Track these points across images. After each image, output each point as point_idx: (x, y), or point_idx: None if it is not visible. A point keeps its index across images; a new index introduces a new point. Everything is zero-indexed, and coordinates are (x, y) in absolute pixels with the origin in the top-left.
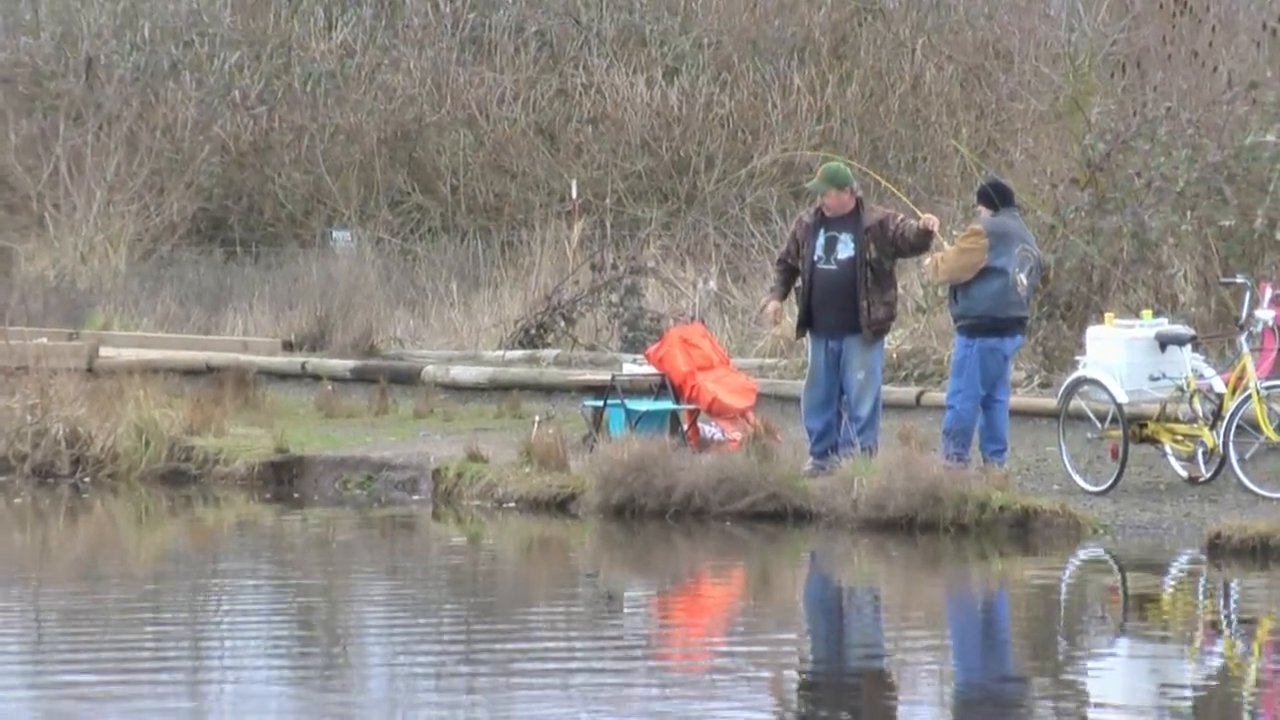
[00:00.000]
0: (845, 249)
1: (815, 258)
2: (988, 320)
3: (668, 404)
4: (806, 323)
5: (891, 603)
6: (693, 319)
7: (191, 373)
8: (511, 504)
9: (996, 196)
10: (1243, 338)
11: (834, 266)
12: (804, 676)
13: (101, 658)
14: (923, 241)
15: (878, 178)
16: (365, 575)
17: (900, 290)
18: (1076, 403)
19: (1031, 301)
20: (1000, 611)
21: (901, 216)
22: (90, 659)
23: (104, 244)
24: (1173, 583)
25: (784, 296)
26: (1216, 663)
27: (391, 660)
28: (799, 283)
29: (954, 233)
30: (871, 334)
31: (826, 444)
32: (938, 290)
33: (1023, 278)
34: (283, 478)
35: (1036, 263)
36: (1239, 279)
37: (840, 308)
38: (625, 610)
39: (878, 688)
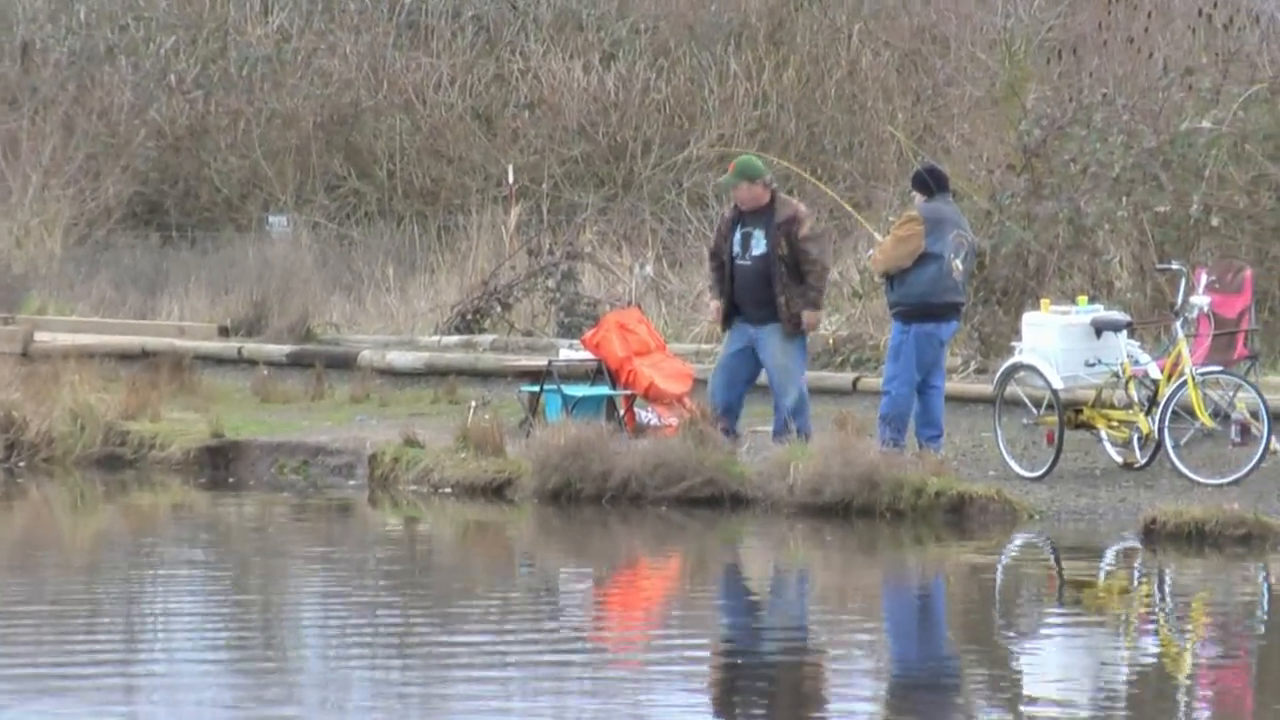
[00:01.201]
0: (759, 245)
1: (734, 253)
2: (923, 306)
3: (604, 389)
4: (731, 315)
5: (827, 588)
6: (629, 304)
7: (127, 357)
8: (448, 489)
9: (932, 182)
10: (1178, 324)
11: (749, 262)
12: (740, 664)
13: (35, 649)
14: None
15: (809, 178)
16: (301, 561)
17: (836, 276)
18: (1012, 388)
19: (967, 287)
20: (936, 596)
21: (808, 228)
22: (25, 650)
23: (40, 228)
24: (1108, 568)
25: (725, 293)
26: (1152, 648)
27: (325, 650)
28: None
29: (890, 219)
30: (791, 327)
31: (730, 421)
32: (874, 276)
33: (958, 263)
34: (218, 463)
35: (971, 248)
36: (1174, 265)
37: (759, 302)
38: (562, 598)
39: (813, 674)
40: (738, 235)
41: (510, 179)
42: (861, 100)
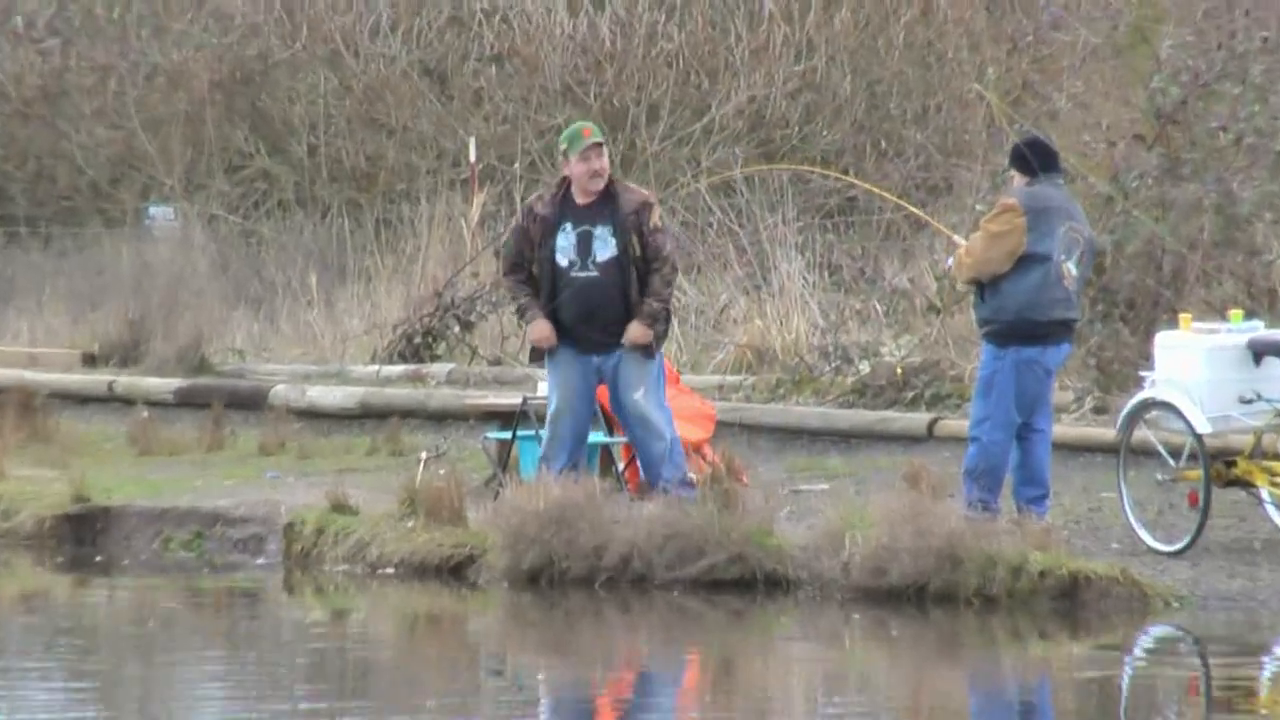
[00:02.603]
0: (605, 248)
1: (565, 263)
2: (1024, 324)
3: (598, 436)
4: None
5: (895, 701)
6: None
7: None
8: (390, 569)
9: (1035, 159)
10: None
11: (594, 272)
12: None
13: None
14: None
15: (858, 184)
16: (192, 668)
17: (907, 285)
18: (1142, 433)
19: (1081, 298)
20: (1040, 714)
21: (658, 216)
22: None
23: None
24: (1274, 674)
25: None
26: None
27: None
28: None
29: (978, 209)
30: (630, 352)
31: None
32: (955, 285)
33: (1070, 266)
34: (83, 535)
35: (1088, 246)
36: None
37: (607, 323)
38: (541, 715)
39: None
40: (569, 238)
41: (472, 156)
42: (939, 50)
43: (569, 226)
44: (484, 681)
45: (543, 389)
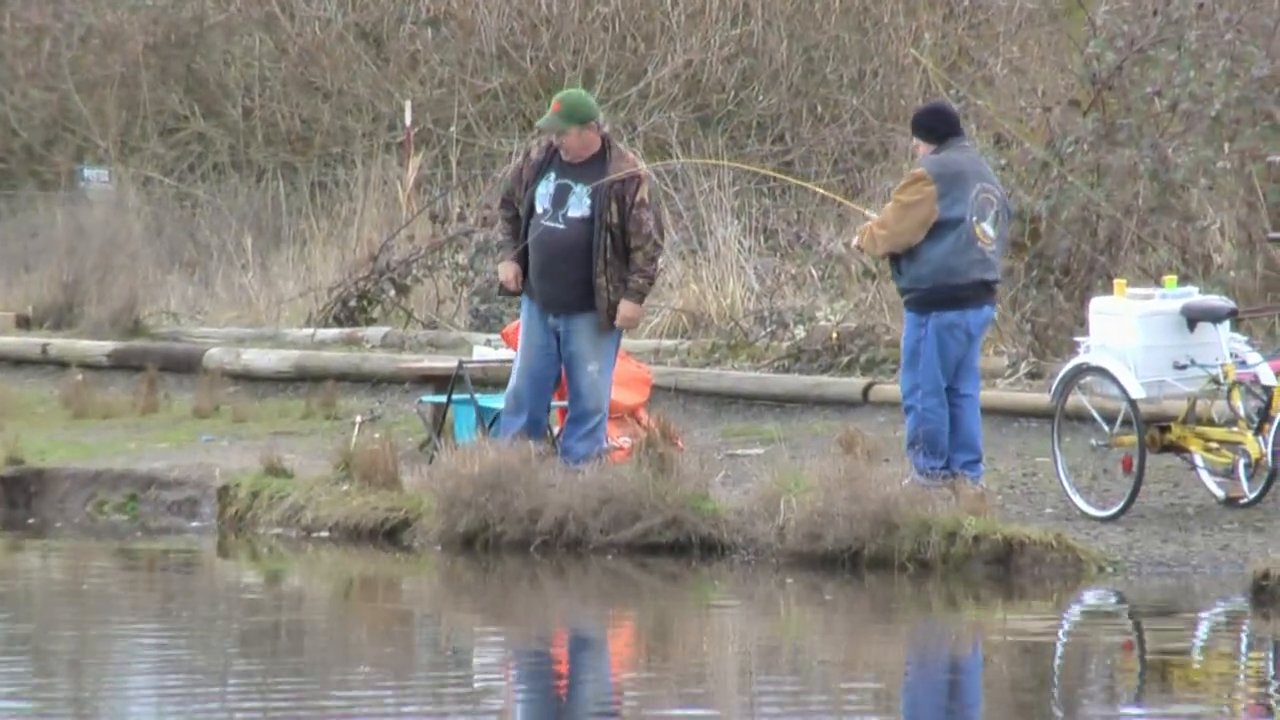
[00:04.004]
0: (579, 205)
1: (540, 209)
2: (943, 289)
3: None
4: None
5: (828, 665)
6: None
7: None
8: (324, 533)
9: (939, 124)
10: None
11: (561, 225)
12: None
13: None
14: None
15: (786, 178)
16: (125, 633)
17: (841, 249)
18: (1077, 399)
19: (1001, 259)
20: (973, 678)
21: (646, 192)
22: None
23: None
24: (1206, 640)
25: (521, 256)
26: None
27: None
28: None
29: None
30: (609, 320)
31: (536, 439)
32: (873, 262)
33: (986, 227)
34: (15, 498)
35: (1003, 205)
36: None
37: (568, 282)
38: (475, 681)
39: None
40: (548, 186)
41: (408, 120)
42: (875, 15)
43: (552, 176)
44: (418, 645)
45: (479, 353)
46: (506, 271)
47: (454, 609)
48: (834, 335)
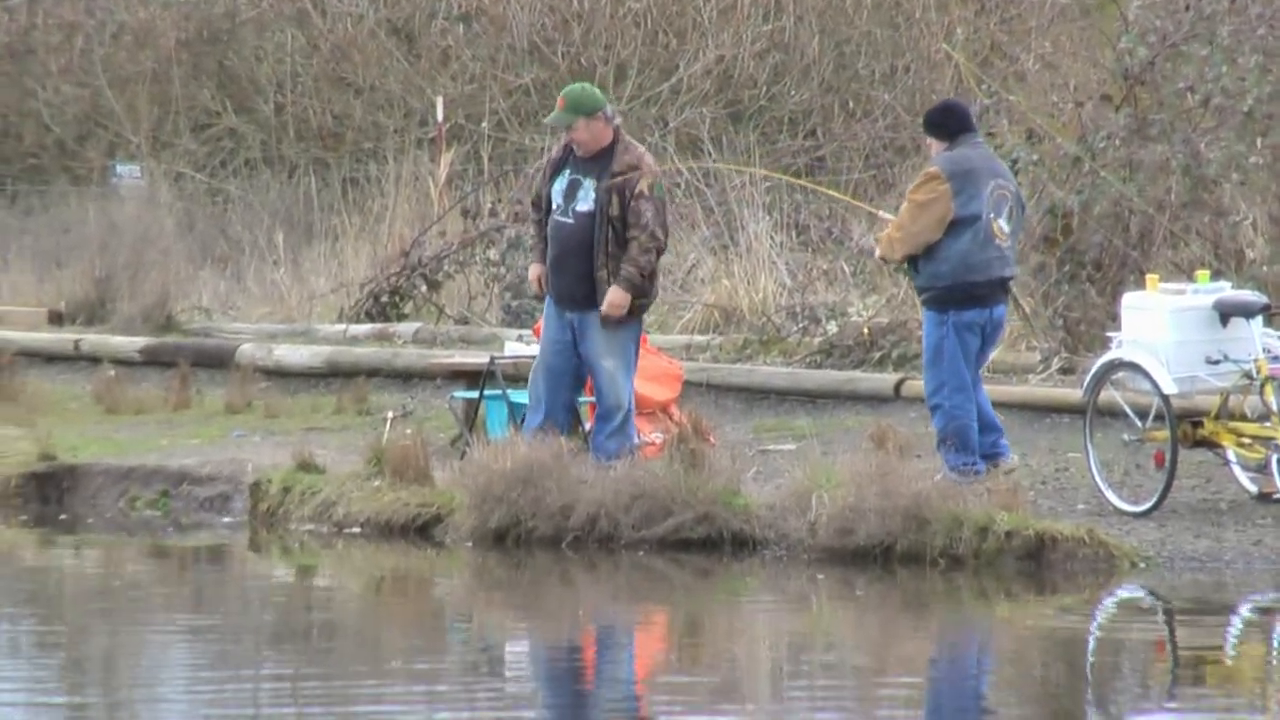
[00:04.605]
0: (585, 199)
1: (555, 204)
2: (962, 286)
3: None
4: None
5: (860, 661)
6: None
7: None
8: (355, 528)
9: (950, 121)
10: None
11: (570, 220)
12: None
13: None
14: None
15: (813, 186)
16: (158, 627)
17: (874, 243)
18: (1109, 394)
19: (1016, 254)
20: (1005, 674)
21: (647, 184)
22: None
23: None
24: (1239, 636)
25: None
26: None
27: None
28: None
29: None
30: (605, 315)
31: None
32: (890, 265)
33: (1003, 224)
34: (48, 494)
35: (1017, 201)
36: None
37: (576, 276)
38: (508, 677)
39: None
40: (562, 183)
41: (439, 116)
42: (907, 10)
43: (567, 172)
44: (449, 641)
45: (511, 348)
46: (533, 273)
47: (486, 605)
48: (866, 330)
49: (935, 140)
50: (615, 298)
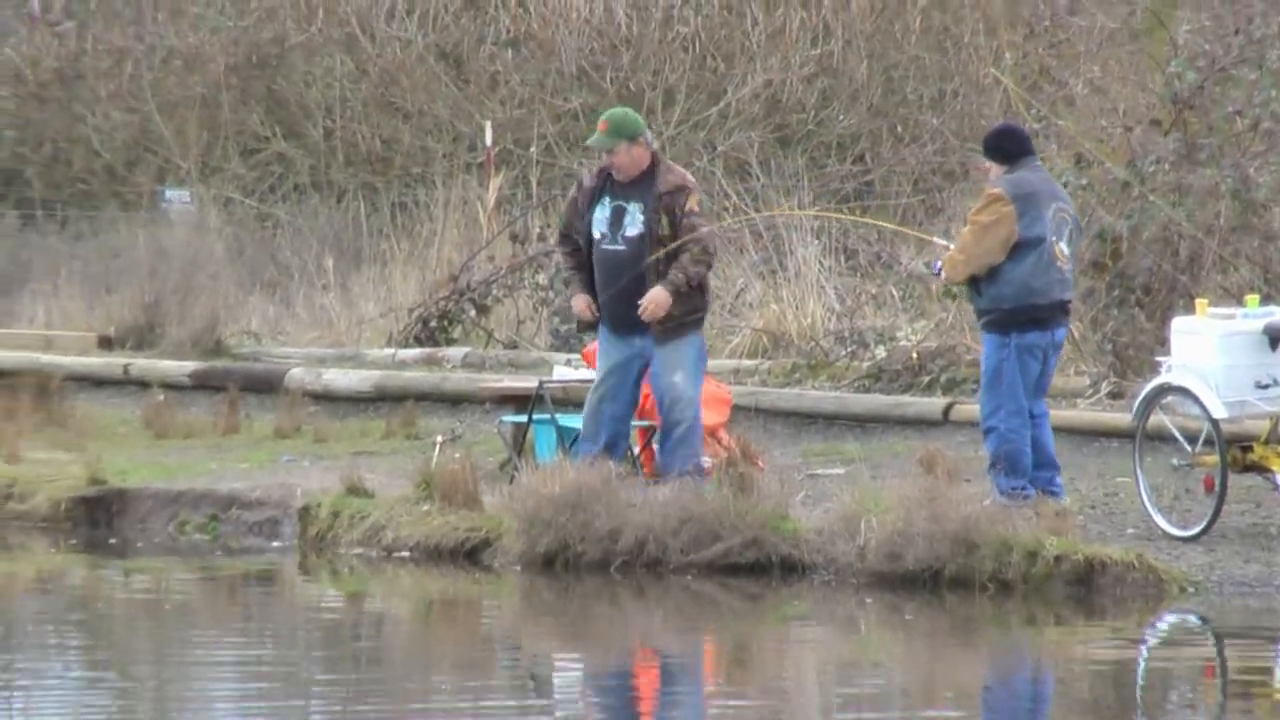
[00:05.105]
0: (634, 224)
1: (598, 234)
2: (1025, 309)
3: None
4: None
5: (910, 685)
6: None
7: None
8: (405, 552)
9: (1009, 145)
10: None
11: (621, 246)
12: None
13: None
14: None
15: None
16: (207, 651)
17: (923, 268)
18: (1158, 418)
19: (1074, 275)
20: (1053, 699)
21: (696, 201)
22: None
23: None
24: None
25: (590, 285)
26: None
27: None
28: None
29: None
30: (664, 333)
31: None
32: (951, 288)
33: (1064, 247)
34: (98, 518)
35: (1075, 225)
36: None
37: (632, 299)
38: (556, 698)
39: None
40: (605, 211)
41: (488, 140)
42: (956, 34)
43: (607, 200)
44: (499, 666)
45: (559, 372)
46: (579, 304)
47: (534, 629)
48: (914, 355)
49: (994, 164)
50: (658, 295)
